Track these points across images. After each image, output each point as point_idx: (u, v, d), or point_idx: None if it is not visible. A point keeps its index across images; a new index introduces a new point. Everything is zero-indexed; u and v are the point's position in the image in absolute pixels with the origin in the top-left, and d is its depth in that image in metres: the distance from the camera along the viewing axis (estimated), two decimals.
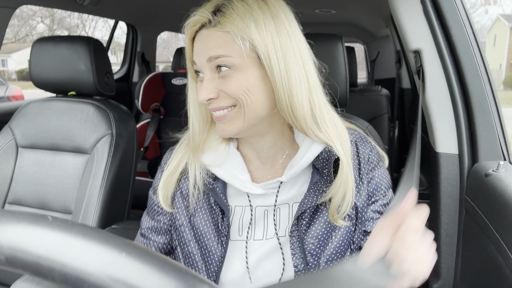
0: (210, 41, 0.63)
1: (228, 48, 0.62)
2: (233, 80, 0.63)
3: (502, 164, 0.76)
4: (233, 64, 0.62)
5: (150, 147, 2.58)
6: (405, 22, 0.91)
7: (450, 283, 0.88)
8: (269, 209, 0.72)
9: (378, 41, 3.68)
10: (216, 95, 0.65)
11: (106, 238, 0.25)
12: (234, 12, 0.62)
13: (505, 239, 0.66)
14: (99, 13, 2.38)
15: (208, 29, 0.63)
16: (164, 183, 0.75)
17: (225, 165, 0.72)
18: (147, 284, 0.23)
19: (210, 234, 0.71)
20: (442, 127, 0.91)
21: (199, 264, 0.71)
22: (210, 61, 0.63)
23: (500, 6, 25.72)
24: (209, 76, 0.65)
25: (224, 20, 0.62)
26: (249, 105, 0.64)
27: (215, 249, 0.70)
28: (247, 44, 0.62)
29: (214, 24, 0.63)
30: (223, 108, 0.65)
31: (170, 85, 2.70)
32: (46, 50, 1.35)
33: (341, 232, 0.69)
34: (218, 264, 0.70)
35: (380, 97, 2.53)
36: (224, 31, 0.62)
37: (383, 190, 0.73)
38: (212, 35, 0.63)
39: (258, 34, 0.61)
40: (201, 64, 0.65)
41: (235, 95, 0.64)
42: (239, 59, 0.62)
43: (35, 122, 1.39)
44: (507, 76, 19.40)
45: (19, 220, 0.25)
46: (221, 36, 0.62)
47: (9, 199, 1.37)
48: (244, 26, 0.61)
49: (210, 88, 0.64)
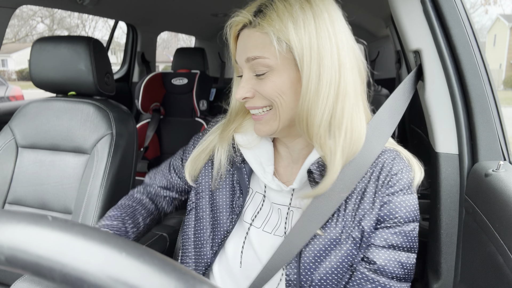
0: (250, 41, 0.64)
1: (265, 49, 0.63)
2: (268, 82, 0.64)
3: (502, 164, 0.76)
4: (269, 66, 0.63)
5: (150, 147, 2.58)
6: (405, 22, 0.91)
7: (450, 283, 0.88)
8: (282, 209, 0.73)
9: (378, 41, 3.68)
10: (252, 94, 0.67)
11: (106, 238, 0.25)
12: (274, 12, 0.62)
13: (505, 239, 0.66)
14: (99, 13, 2.38)
15: (249, 29, 0.65)
16: (193, 159, 0.81)
17: (255, 149, 0.74)
18: (147, 284, 0.23)
19: (223, 208, 0.76)
20: (442, 127, 0.91)
21: (208, 231, 0.77)
22: (248, 62, 0.65)
23: (500, 6, 25.71)
24: (247, 76, 0.66)
25: (263, 21, 0.62)
26: (283, 107, 0.65)
27: (223, 223, 0.75)
28: (283, 45, 0.61)
29: (254, 25, 0.64)
30: (257, 107, 0.67)
31: (170, 85, 2.70)
32: (46, 50, 1.35)
33: (342, 253, 0.66)
34: (222, 237, 0.75)
35: (380, 97, 2.53)
36: (263, 32, 0.63)
37: (397, 219, 0.65)
38: (252, 36, 0.64)
39: (295, 35, 0.61)
40: (240, 63, 0.67)
41: (269, 97, 0.65)
42: (275, 61, 0.63)
43: (35, 122, 1.39)
44: (507, 76, 19.40)
45: (19, 220, 0.25)
46: (260, 37, 0.63)
47: (9, 199, 1.37)
48: (281, 27, 0.61)
49: (246, 87, 0.66)
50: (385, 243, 0.65)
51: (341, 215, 0.67)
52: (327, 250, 0.66)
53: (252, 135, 0.76)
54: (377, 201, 0.66)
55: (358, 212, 0.66)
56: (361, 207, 0.67)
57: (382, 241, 0.65)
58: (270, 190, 0.75)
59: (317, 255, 0.66)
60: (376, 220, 0.66)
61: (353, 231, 0.66)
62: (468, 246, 0.84)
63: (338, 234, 0.66)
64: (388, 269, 0.64)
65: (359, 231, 0.66)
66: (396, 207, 0.65)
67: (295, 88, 0.63)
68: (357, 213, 0.67)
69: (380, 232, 0.66)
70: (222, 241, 0.75)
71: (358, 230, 0.66)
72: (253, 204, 0.76)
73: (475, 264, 0.79)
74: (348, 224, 0.66)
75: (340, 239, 0.66)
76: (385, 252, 0.65)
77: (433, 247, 0.92)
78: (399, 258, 0.65)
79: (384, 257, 0.65)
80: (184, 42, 20.96)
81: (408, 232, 0.65)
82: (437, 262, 0.90)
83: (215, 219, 0.76)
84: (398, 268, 0.65)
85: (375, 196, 0.66)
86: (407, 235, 0.65)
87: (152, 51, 3.11)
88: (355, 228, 0.66)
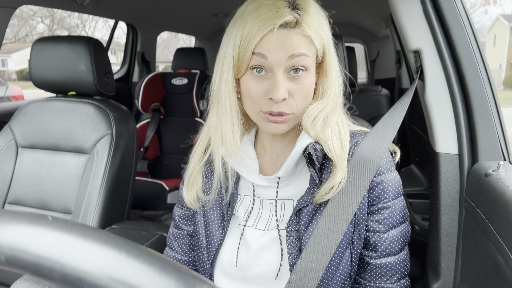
0: (292, 39, 0.63)
1: (308, 48, 0.65)
2: (304, 83, 0.66)
3: (502, 164, 0.76)
4: (307, 65, 0.65)
5: (150, 147, 2.58)
6: (405, 22, 0.91)
7: (450, 283, 0.88)
8: (273, 202, 0.75)
9: (378, 41, 3.68)
10: (287, 96, 0.66)
11: (106, 238, 0.25)
12: (310, 14, 0.64)
13: (505, 239, 0.66)
14: (99, 13, 2.38)
15: (287, 29, 0.63)
16: (187, 185, 0.79)
17: (237, 154, 0.74)
18: (147, 284, 0.23)
19: (214, 218, 0.77)
20: (442, 127, 0.91)
21: (203, 243, 0.77)
22: (291, 59, 0.63)
23: (500, 6, 25.73)
24: (283, 76, 0.65)
25: (305, 22, 0.63)
26: (300, 111, 0.68)
27: (216, 231, 0.76)
28: (320, 50, 0.67)
29: (294, 25, 0.63)
30: (284, 114, 0.66)
31: (170, 85, 2.70)
32: (46, 50, 1.35)
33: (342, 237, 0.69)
34: (216, 246, 0.75)
35: (380, 97, 2.53)
36: (305, 33, 0.64)
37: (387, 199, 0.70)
38: (293, 34, 0.63)
39: (327, 40, 0.67)
40: (277, 60, 0.63)
41: (301, 99, 0.66)
42: (312, 61, 0.66)
43: (35, 122, 1.39)
44: (507, 76, 19.41)
45: (19, 220, 0.25)
46: (302, 36, 0.64)
47: (9, 199, 1.37)
48: (320, 31, 0.65)
49: (285, 88, 0.64)
50: (382, 227, 0.70)
51: None
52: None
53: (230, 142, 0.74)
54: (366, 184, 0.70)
55: None
56: None
57: (380, 226, 0.70)
58: (258, 188, 0.76)
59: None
60: (367, 202, 0.70)
61: None
62: (468, 246, 0.84)
63: None
64: (394, 248, 0.71)
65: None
66: (385, 187, 0.70)
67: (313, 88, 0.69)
68: None
69: (374, 217, 0.70)
70: (217, 250, 0.76)
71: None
72: (243, 207, 0.77)
73: (475, 264, 0.79)
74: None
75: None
76: (385, 235, 0.70)
77: (433, 247, 0.92)
78: (398, 234, 0.71)
79: (386, 240, 0.70)
80: (184, 42, 20.97)
81: (397, 210, 0.71)
82: (437, 262, 0.90)
83: (208, 232, 0.77)
84: (400, 243, 0.72)
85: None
86: (396, 213, 0.71)
87: (152, 51, 3.11)
88: None
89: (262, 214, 0.75)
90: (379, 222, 0.70)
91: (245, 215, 0.76)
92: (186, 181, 0.80)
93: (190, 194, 0.78)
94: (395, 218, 0.71)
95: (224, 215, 0.77)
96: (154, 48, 3.15)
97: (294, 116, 0.68)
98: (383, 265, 0.71)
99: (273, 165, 0.77)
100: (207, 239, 0.77)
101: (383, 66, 3.62)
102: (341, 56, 1.28)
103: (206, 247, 0.77)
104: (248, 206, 0.77)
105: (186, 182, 0.80)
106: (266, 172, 0.77)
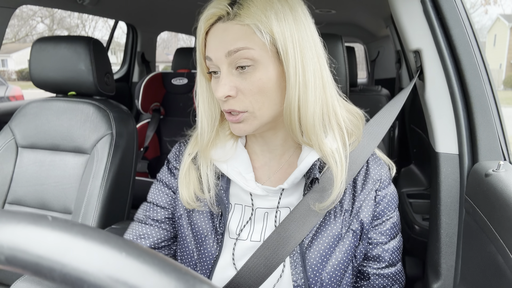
0: (228, 34, 0.60)
1: (248, 40, 0.59)
2: (253, 78, 0.60)
3: (502, 164, 0.76)
4: (254, 58, 0.59)
5: (150, 147, 2.58)
6: (405, 22, 0.91)
7: (450, 283, 0.88)
8: (269, 212, 0.71)
9: (378, 41, 3.68)
10: (235, 93, 0.62)
11: (106, 238, 0.25)
12: (253, 3, 0.59)
13: (505, 239, 0.66)
14: (99, 13, 2.38)
15: (225, 22, 0.60)
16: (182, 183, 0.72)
17: (231, 161, 0.70)
18: (147, 284, 0.23)
19: (207, 231, 0.70)
20: (442, 127, 0.91)
21: (194, 259, 0.71)
22: (230, 56, 0.60)
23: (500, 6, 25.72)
24: (227, 72, 0.61)
25: (243, 12, 0.59)
26: (262, 109, 0.62)
27: (210, 247, 0.69)
28: (267, 37, 0.59)
29: (232, 17, 0.59)
30: (236, 111, 0.63)
31: (170, 85, 2.70)
32: (46, 50, 1.35)
33: (346, 247, 0.68)
34: (211, 262, 0.69)
35: (380, 97, 2.53)
36: (244, 24, 0.59)
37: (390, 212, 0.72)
38: (230, 29, 0.60)
39: (278, 27, 0.59)
40: (217, 59, 0.61)
41: (252, 96, 0.61)
42: (260, 52, 0.59)
43: (35, 122, 1.39)
44: (507, 76, 19.40)
45: (19, 220, 0.25)
46: (240, 29, 0.59)
47: (9, 199, 1.37)
48: (264, 18, 0.58)
49: (228, 84, 0.61)
50: (384, 238, 0.72)
51: (338, 210, 0.68)
52: (332, 248, 0.67)
53: (224, 148, 0.72)
54: (371, 194, 0.70)
55: (355, 205, 0.69)
56: (357, 200, 0.69)
57: (382, 237, 0.71)
58: (255, 197, 0.71)
59: (323, 254, 0.66)
60: (372, 215, 0.70)
61: (352, 224, 0.68)
62: (468, 246, 0.84)
63: (339, 229, 0.68)
64: (394, 259, 0.73)
65: (359, 223, 0.69)
66: (389, 200, 0.71)
67: (280, 83, 0.62)
68: (354, 206, 0.69)
69: (377, 229, 0.71)
70: (212, 266, 0.69)
71: (357, 223, 0.69)
72: (235, 218, 0.71)
73: (475, 264, 0.79)
74: (346, 218, 0.68)
75: (342, 233, 0.68)
76: (387, 247, 0.72)
77: (433, 247, 0.92)
78: (397, 244, 0.74)
79: (388, 250, 0.72)
80: (184, 42, 20.96)
81: (396, 220, 0.73)
82: (437, 262, 0.90)
83: (200, 244, 0.71)
84: (399, 253, 0.75)
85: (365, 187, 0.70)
86: (396, 223, 0.74)
87: (152, 51, 3.11)
88: (353, 221, 0.68)
89: (255, 225, 0.70)
90: (382, 233, 0.71)
91: (238, 228, 0.70)
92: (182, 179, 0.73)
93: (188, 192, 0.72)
94: (395, 228, 0.73)
95: (216, 228, 0.70)
96: (154, 48, 3.15)
97: (252, 115, 0.63)
98: (386, 275, 0.72)
99: (267, 170, 0.73)
100: (198, 254, 0.71)
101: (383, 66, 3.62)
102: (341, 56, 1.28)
103: (199, 263, 0.70)
104: (241, 216, 0.71)
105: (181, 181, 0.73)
106: (259, 179, 0.72)
